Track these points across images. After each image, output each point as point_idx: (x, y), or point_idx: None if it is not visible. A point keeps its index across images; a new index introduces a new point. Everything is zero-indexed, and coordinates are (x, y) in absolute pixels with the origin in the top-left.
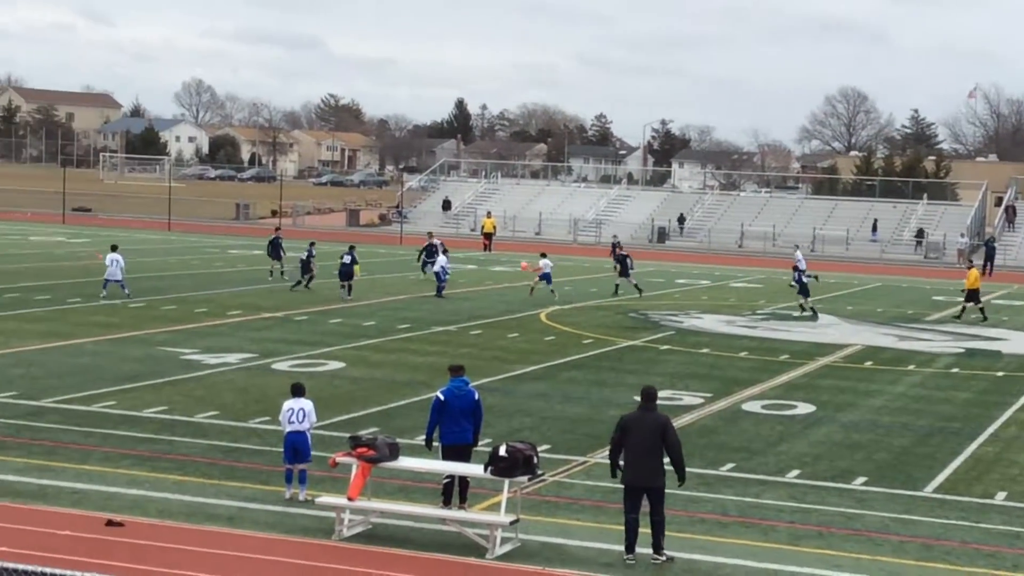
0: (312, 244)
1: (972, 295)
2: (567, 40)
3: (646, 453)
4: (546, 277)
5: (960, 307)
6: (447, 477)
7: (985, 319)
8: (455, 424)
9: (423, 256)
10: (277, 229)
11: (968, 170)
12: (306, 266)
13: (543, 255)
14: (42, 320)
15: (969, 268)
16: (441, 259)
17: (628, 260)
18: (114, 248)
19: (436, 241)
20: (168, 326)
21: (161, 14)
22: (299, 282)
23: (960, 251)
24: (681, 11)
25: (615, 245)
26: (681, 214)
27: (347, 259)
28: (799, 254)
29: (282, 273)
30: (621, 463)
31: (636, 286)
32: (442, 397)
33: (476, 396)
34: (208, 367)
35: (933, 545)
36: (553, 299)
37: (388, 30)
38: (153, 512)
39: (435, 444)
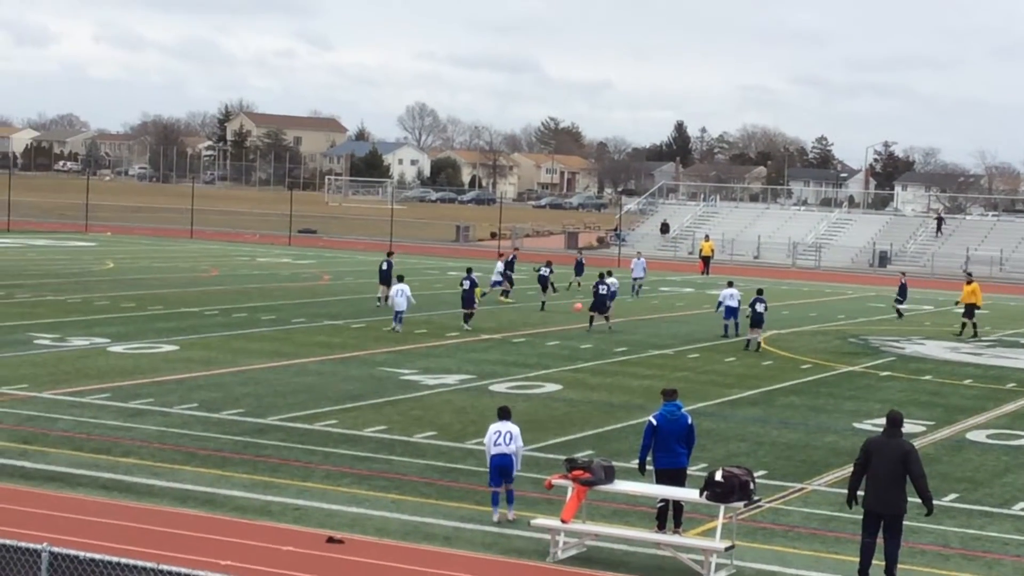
0: (548, 263)
1: (969, 310)
2: (788, 61)
3: (887, 480)
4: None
5: (960, 324)
6: (661, 501)
7: (975, 335)
8: (668, 448)
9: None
10: (390, 254)
11: None
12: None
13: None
14: (268, 340)
15: (968, 282)
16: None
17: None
18: (400, 279)
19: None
20: (388, 346)
21: (378, 38)
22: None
23: None
24: (904, 29)
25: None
26: (940, 216)
27: (466, 284)
28: None
29: (385, 299)
30: (860, 492)
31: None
32: (655, 422)
33: (689, 420)
34: (427, 388)
35: None
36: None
37: (603, 53)
38: (372, 530)
39: (648, 468)
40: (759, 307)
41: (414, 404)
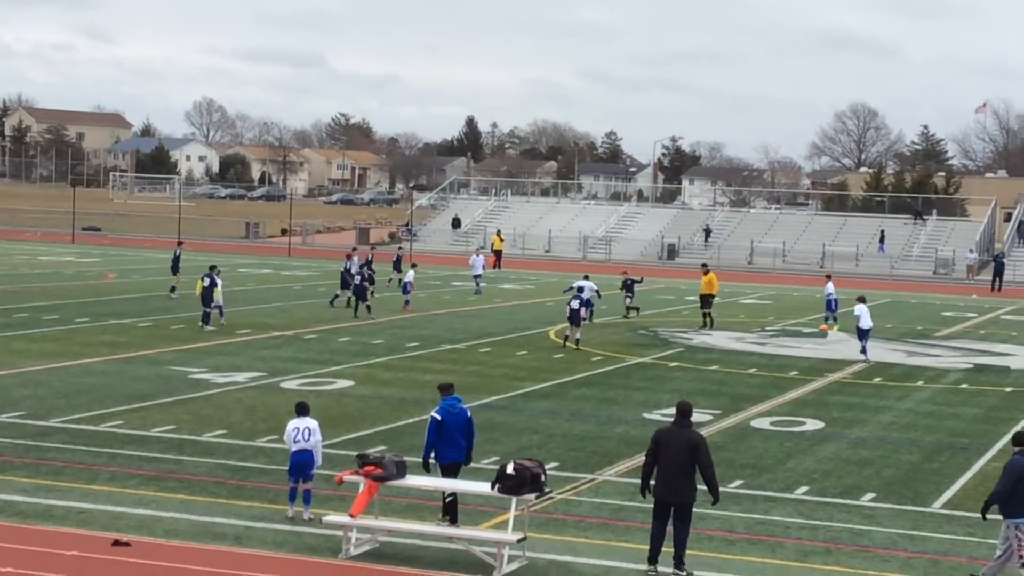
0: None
1: (706, 300)
2: (576, 56)
3: (677, 470)
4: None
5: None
6: (449, 495)
7: (711, 325)
8: (451, 443)
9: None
10: (180, 244)
11: (977, 186)
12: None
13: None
14: (50, 340)
15: (705, 273)
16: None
17: None
18: (212, 269)
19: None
20: (177, 345)
21: (160, 31)
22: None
23: (969, 267)
24: (688, 25)
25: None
26: (707, 226)
27: (206, 281)
28: None
29: (172, 289)
30: (652, 482)
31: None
32: (439, 417)
33: (468, 414)
34: (217, 386)
35: (941, 561)
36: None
37: (390, 47)
38: (160, 532)
39: (431, 463)
40: (575, 304)
41: (204, 403)
